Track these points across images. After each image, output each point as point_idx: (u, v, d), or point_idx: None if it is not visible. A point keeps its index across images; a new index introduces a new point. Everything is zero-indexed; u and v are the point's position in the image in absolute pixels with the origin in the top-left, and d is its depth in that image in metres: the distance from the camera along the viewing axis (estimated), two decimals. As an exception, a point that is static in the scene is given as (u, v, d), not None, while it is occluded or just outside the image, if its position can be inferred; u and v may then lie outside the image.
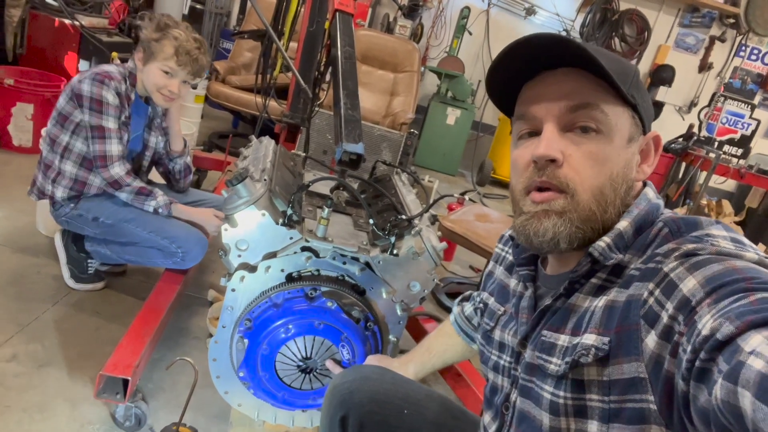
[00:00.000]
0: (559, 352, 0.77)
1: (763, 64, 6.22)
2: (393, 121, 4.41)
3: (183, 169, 2.23)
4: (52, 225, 2.25)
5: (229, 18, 5.90)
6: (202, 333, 2.06)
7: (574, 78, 0.76)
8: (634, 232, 0.76)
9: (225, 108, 4.21)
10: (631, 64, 0.80)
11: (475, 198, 4.88)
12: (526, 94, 0.82)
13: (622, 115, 0.77)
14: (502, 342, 0.93)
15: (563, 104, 0.76)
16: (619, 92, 0.75)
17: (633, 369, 0.66)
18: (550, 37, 0.74)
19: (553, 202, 0.76)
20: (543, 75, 0.80)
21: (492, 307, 1.00)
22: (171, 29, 1.88)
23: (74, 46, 3.60)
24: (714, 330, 0.54)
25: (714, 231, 0.69)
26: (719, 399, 0.50)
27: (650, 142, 0.83)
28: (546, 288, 0.88)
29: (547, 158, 0.76)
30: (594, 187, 0.76)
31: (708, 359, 0.54)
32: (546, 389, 0.78)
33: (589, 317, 0.74)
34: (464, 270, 3.37)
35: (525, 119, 0.82)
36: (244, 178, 1.34)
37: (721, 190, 6.37)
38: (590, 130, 0.76)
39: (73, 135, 1.92)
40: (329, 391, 1.10)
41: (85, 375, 1.69)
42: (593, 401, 0.71)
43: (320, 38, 2.58)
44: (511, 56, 0.78)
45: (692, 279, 0.61)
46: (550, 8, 6.12)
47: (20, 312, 1.90)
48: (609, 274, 0.76)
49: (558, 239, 0.76)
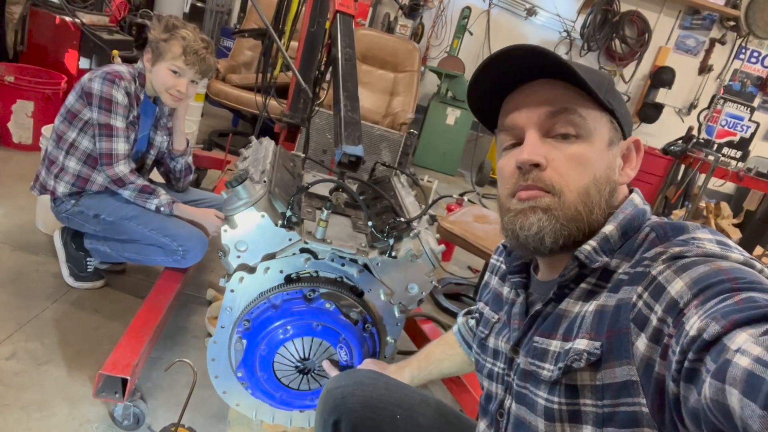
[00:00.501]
0: (552, 358, 0.77)
1: (762, 67, 6.23)
2: (393, 121, 4.42)
3: (184, 168, 2.25)
4: (52, 223, 2.26)
5: (230, 16, 5.89)
6: (201, 332, 2.07)
7: (552, 87, 0.79)
8: (620, 236, 0.77)
9: (225, 106, 4.22)
10: (606, 74, 0.84)
11: (474, 198, 4.89)
12: (507, 106, 0.85)
13: (600, 120, 0.80)
14: (496, 349, 0.94)
15: (543, 110, 0.79)
16: (595, 98, 0.78)
17: (625, 372, 0.67)
18: (527, 49, 0.77)
19: (540, 199, 0.78)
20: (522, 87, 0.82)
21: (487, 316, 1.01)
22: (179, 29, 1.91)
23: (75, 44, 3.59)
24: (701, 330, 0.55)
25: (700, 234, 0.70)
26: (708, 398, 0.50)
27: (631, 146, 0.85)
28: (538, 294, 0.89)
29: (531, 162, 0.78)
30: (580, 187, 0.78)
31: (696, 359, 0.54)
32: (540, 395, 0.78)
33: (579, 322, 0.75)
34: (462, 270, 3.38)
35: (508, 130, 0.84)
36: (243, 180, 1.35)
37: (719, 193, 6.37)
38: (570, 137, 0.79)
39: (80, 132, 1.94)
40: (323, 396, 1.10)
41: (84, 374, 1.70)
42: (587, 406, 0.72)
43: (321, 38, 2.59)
44: (489, 70, 0.81)
45: (680, 281, 0.62)
46: (551, 9, 6.12)
47: (20, 310, 1.90)
48: (598, 279, 0.77)
49: (543, 234, 0.78)
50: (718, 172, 4.62)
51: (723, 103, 6.16)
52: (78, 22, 3.50)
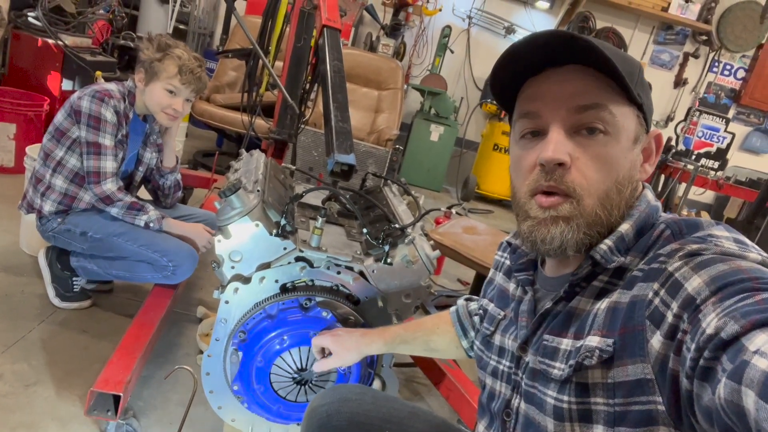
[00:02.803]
0: (563, 356, 0.76)
1: (735, 79, 6.40)
2: (378, 138, 4.45)
3: (173, 185, 2.23)
4: (36, 243, 2.22)
5: (212, 38, 5.92)
6: (193, 349, 2.04)
7: (581, 76, 0.75)
8: (635, 234, 0.75)
9: (210, 126, 4.21)
10: (635, 59, 0.79)
11: (460, 213, 4.91)
12: (528, 92, 0.80)
13: (628, 115, 0.76)
14: (502, 347, 0.92)
15: (570, 105, 0.75)
16: (628, 92, 0.74)
17: (638, 370, 0.65)
18: (559, 35, 0.72)
19: (560, 207, 0.75)
20: (547, 72, 0.77)
21: (492, 312, 0.98)
22: (172, 49, 1.92)
23: (57, 66, 3.58)
24: (719, 329, 0.54)
25: (716, 231, 0.69)
26: (722, 398, 0.50)
27: (652, 141, 0.82)
28: (546, 290, 0.87)
29: (556, 162, 0.74)
30: (600, 191, 0.75)
31: (712, 358, 0.54)
32: (549, 394, 0.77)
33: (591, 320, 0.74)
34: (452, 283, 3.38)
35: (528, 117, 0.79)
36: (237, 189, 1.35)
37: (699, 202, 6.50)
38: (597, 131, 0.74)
39: (68, 151, 1.92)
40: (307, 414, 1.07)
41: (74, 393, 1.66)
42: (598, 405, 0.70)
43: (306, 54, 2.60)
44: (516, 55, 0.76)
45: (697, 278, 0.61)
46: (529, 27, 6.25)
47: (5, 332, 1.86)
48: (611, 276, 0.75)
49: (566, 247, 0.75)
50: (699, 180, 4.72)
51: (699, 115, 6.33)
52: (61, 44, 3.49)
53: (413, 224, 1.51)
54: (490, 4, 6.25)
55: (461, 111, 6.16)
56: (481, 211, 5.46)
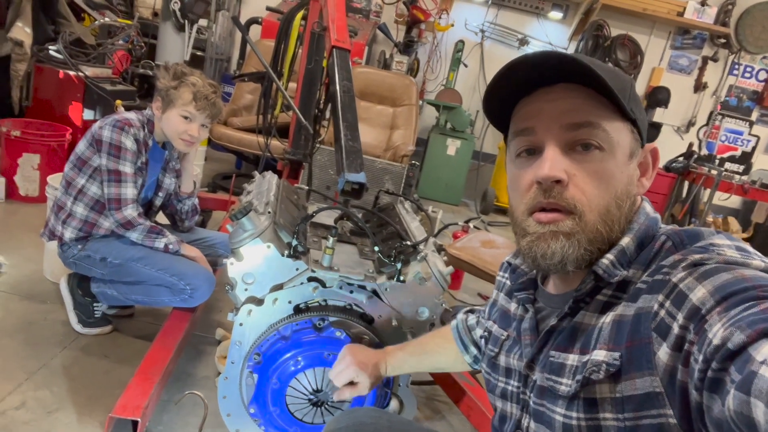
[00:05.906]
0: (569, 372, 0.75)
1: (757, 81, 6.29)
2: (394, 154, 4.46)
3: (190, 210, 2.27)
4: (59, 271, 2.26)
5: (230, 63, 6.03)
6: (212, 372, 2.04)
7: (573, 95, 0.75)
8: (636, 247, 0.75)
9: (228, 149, 4.27)
10: (626, 75, 0.80)
11: (479, 226, 4.88)
12: (522, 111, 0.80)
13: (622, 131, 0.76)
14: (508, 367, 0.91)
15: (563, 122, 0.75)
16: (621, 108, 0.74)
17: (647, 384, 0.64)
18: (549, 56, 0.73)
19: (561, 223, 0.75)
20: (539, 92, 0.78)
21: (495, 333, 0.98)
22: (187, 76, 1.97)
23: (79, 96, 3.67)
24: (725, 339, 0.53)
25: (717, 240, 0.68)
26: (732, 410, 0.49)
27: (648, 155, 0.82)
28: (550, 308, 0.86)
29: (553, 179, 0.74)
30: (601, 206, 0.74)
31: (720, 369, 0.53)
32: (557, 411, 0.76)
33: (597, 334, 0.73)
34: (473, 298, 3.34)
35: (523, 135, 0.79)
36: (248, 212, 1.36)
37: (726, 208, 6.35)
38: (592, 147, 0.74)
39: (89, 179, 1.97)
40: None
41: (95, 419, 1.67)
42: (607, 420, 0.69)
43: (319, 76, 2.63)
44: (508, 76, 0.77)
45: (702, 288, 0.61)
46: (543, 38, 6.24)
47: (28, 359, 1.88)
48: (615, 290, 0.75)
49: (566, 262, 0.75)
50: (723, 185, 4.62)
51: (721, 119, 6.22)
52: (81, 76, 3.58)
53: (425, 241, 1.50)
54: (502, 17, 6.27)
55: (477, 124, 6.15)
56: (500, 224, 5.42)
